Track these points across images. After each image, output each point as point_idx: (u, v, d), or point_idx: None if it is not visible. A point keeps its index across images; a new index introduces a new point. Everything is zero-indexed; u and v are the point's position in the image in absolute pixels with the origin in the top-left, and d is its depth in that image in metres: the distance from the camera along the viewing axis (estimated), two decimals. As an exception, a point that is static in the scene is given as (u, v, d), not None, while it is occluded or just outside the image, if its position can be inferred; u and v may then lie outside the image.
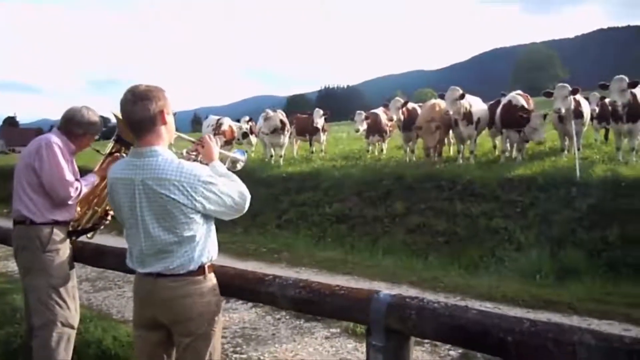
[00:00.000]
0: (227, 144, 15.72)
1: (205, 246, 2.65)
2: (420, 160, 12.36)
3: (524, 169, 9.36)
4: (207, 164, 2.83)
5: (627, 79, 9.11)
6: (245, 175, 10.73)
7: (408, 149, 13.10)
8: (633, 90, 9.35)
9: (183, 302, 2.57)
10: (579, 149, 10.79)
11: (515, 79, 63.80)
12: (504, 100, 11.11)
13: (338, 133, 23.71)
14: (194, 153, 3.01)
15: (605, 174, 8.38)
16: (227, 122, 15.48)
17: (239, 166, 3.39)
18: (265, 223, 11.26)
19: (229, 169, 3.39)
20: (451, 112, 10.82)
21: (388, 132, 14.84)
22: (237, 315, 6.10)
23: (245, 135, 16.01)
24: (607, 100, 10.49)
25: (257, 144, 17.42)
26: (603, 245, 7.36)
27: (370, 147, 14.94)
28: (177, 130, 2.79)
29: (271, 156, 14.81)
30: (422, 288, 6.83)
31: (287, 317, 5.89)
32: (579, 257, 7.28)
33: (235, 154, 3.37)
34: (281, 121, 14.37)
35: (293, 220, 10.96)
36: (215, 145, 2.98)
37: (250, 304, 6.19)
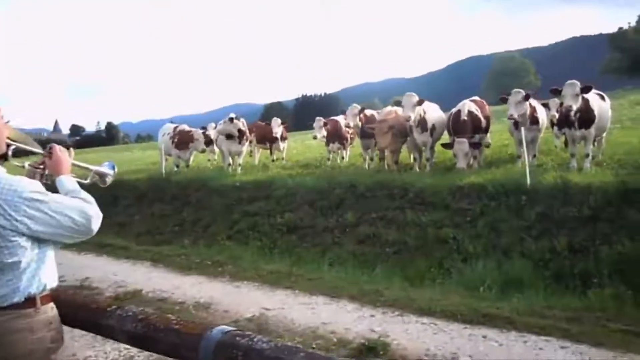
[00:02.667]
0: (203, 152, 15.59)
1: (36, 274, 2.25)
2: (380, 168, 12.09)
3: (475, 177, 9.12)
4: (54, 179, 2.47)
5: (579, 84, 8.97)
6: (200, 184, 10.40)
7: (367, 157, 12.83)
8: (586, 95, 9.24)
9: (9, 339, 2.18)
10: (534, 156, 10.65)
11: (489, 86, 64.40)
12: (454, 109, 10.91)
13: (311, 141, 23.34)
14: (41, 166, 2.63)
15: (555, 181, 8.17)
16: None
17: (109, 180, 2.99)
18: (216, 234, 10.86)
19: (95, 183, 3.00)
20: (413, 117, 10.56)
21: (349, 139, 14.59)
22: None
23: (208, 142, 15.57)
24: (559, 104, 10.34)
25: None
26: (550, 255, 7.13)
27: (331, 155, 14.65)
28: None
29: (229, 165, 14.41)
30: (362, 302, 6.51)
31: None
32: (525, 267, 7.04)
33: (102, 167, 2.98)
34: (239, 130, 13.98)
35: (244, 231, 10.57)
36: (66, 157, 2.60)
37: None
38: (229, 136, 13.72)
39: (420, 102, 10.69)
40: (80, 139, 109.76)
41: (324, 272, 8.14)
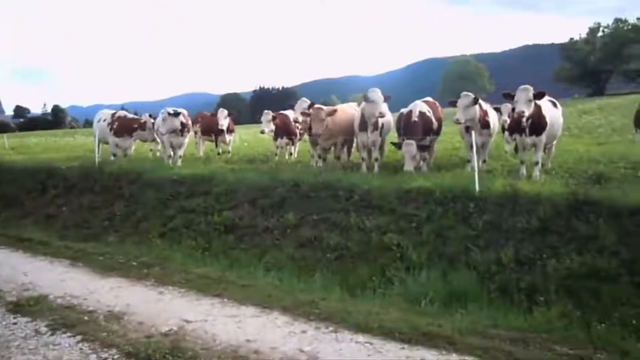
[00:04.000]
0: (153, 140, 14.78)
1: None
2: (328, 166, 11.54)
3: (424, 180, 8.69)
4: None
5: (532, 90, 8.71)
6: (135, 176, 9.47)
7: (315, 154, 12.26)
8: (538, 101, 8.99)
9: None
10: (484, 161, 10.38)
11: (445, 88, 65.22)
12: (406, 109, 10.49)
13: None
14: None
15: (504, 189, 7.83)
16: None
17: None
18: (147, 231, 10.07)
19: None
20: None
21: (298, 134, 14.01)
22: None
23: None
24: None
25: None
26: (496, 267, 6.77)
27: (279, 150, 14.02)
28: None
29: (170, 156, 13.55)
30: (295, 315, 5.92)
31: None
32: (470, 279, 6.65)
33: None
34: (181, 123, 13.13)
35: (178, 229, 9.83)
36: None
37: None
38: (172, 131, 12.92)
39: (386, 99, 10.21)
40: (24, 121, 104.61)
41: (258, 279, 7.51)
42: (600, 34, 66.10)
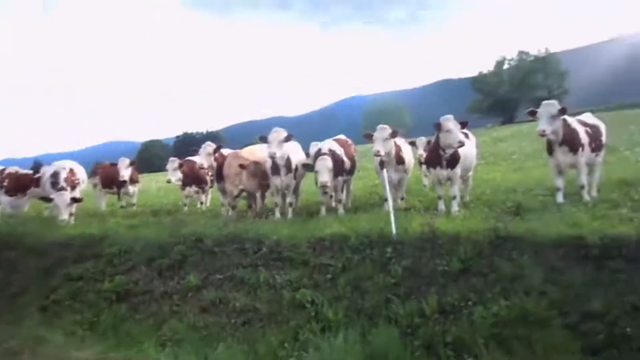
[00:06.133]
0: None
1: None
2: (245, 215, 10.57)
3: (339, 226, 7.95)
4: None
5: (452, 119, 8.42)
6: (15, 241, 7.80)
7: (225, 202, 11.25)
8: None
9: None
10: (402, 198, 9.84)
11: (366, 126, 66.25)
12: (315, 148, 9.86)
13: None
14: None
15: (422, 229, 7.20)
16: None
17: None
18: (25, 306, 8.58)
19: None
20: (277, 155, 9.25)
21: (208, 181, 12.99)
22: None
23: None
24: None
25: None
26: (419, 320, 6.03)
27: (188, 200, 12.89)
28: None
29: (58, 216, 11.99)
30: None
31: None
32: (391, 336, 5.85)
33: None
34: (66, 179, 11.63)
35: (62, 301, 8.42)
36: None
37: None
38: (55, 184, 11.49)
39: (288, 139, 9.48)
40: None
41: (153, 356, 6.34)
42: (506, 66, 70.30)
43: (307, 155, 10.86)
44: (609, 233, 6.13)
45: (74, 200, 11.33)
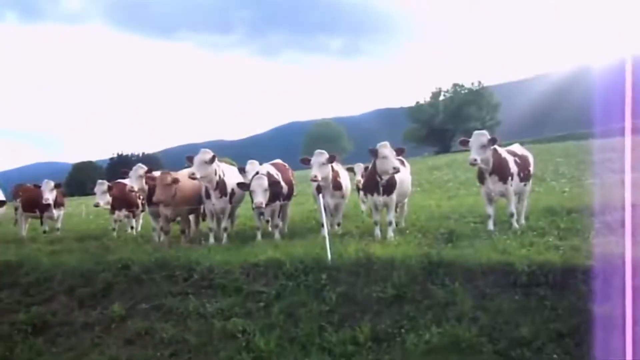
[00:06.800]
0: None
1: None
2: (177, 241, 10.12)
3: (274, 251, 7.78)
4: None
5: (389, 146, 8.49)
6: None
7: (157, 227, 10.77)
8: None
9: None
10: (339, 224, 9.81)
11: (307, 151, 66.71)
12: (253, 172, 9.68)
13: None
14: None
15: (357, 255, 7.17)
16: None
17: None
18: None
19: None
20: (199, 176, 8.99)
21: (139, 205, 12.46)
22: None
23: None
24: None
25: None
26: (353, 347, 5.94)
27: (117, 224, 12.29)
28: None
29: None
30: None
31: None
32: (325, 367, 5.70)
33: None
34: None
35: (-32, 337, 7.67)
36: None
37: None
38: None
39: (212, 160, 9.21)
40: None
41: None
42: (442, 97, 73.22)
43: (243, 170, 10.67)
44: (536, 260, 6.32)
45: None
